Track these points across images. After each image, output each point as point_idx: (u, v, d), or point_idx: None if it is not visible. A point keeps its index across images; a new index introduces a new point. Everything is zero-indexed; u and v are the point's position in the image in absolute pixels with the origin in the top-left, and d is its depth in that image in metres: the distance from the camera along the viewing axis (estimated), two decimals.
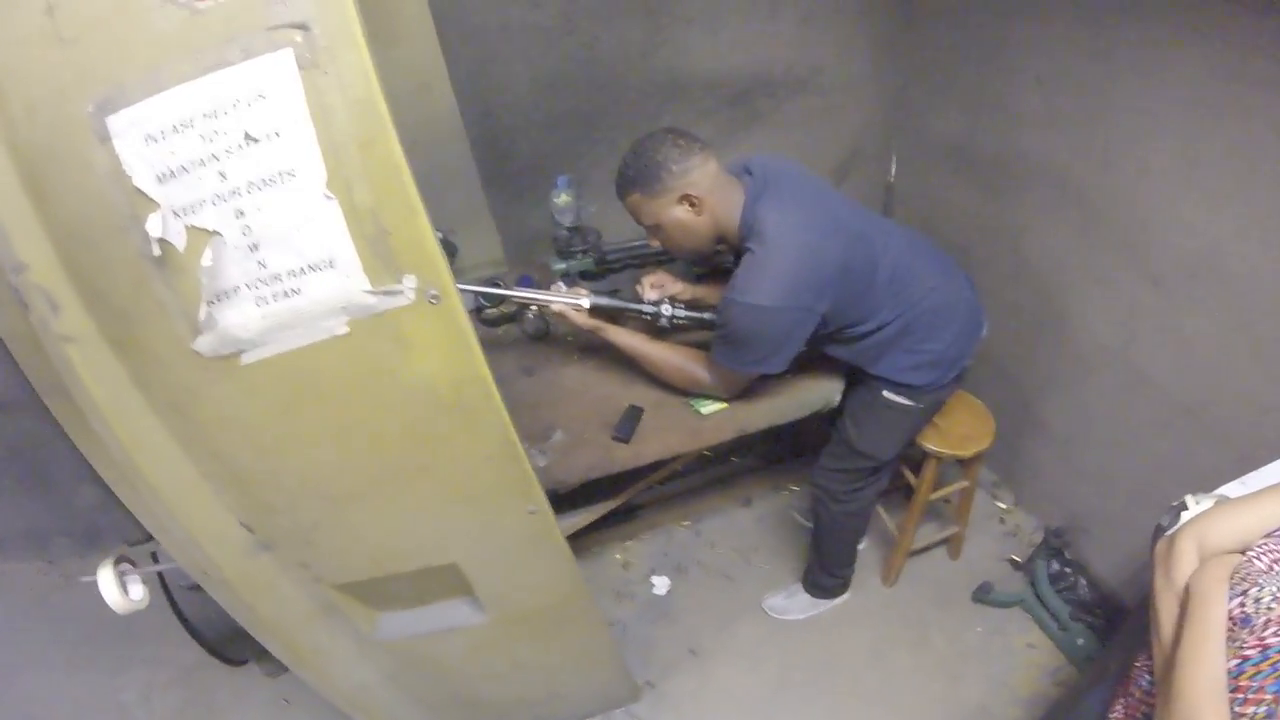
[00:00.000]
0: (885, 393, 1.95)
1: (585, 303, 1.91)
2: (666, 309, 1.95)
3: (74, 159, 0.91)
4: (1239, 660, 0.94)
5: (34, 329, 0.98)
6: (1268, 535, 1.05)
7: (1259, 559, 1.02)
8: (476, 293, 1.99)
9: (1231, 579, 1.02)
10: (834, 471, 2.15)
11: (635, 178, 1.69)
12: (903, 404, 1.96)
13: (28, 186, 0.92)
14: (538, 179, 2.45)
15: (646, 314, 1.95)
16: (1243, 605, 0.97)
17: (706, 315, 1.96)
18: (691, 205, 1.70)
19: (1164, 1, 1.71)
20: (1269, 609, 0.95)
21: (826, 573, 2.41)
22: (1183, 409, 1.97)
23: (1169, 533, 1.20)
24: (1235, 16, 1.57)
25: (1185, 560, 1.11)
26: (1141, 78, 1.83)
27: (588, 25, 2.32)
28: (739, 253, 1.76)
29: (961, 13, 2.37)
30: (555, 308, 1.93)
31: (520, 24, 2.26)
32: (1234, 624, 0.97)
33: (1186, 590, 1.07)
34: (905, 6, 2.59)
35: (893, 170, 2.93)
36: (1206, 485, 1.43)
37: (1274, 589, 0.96)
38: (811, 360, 1.87)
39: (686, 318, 1.96)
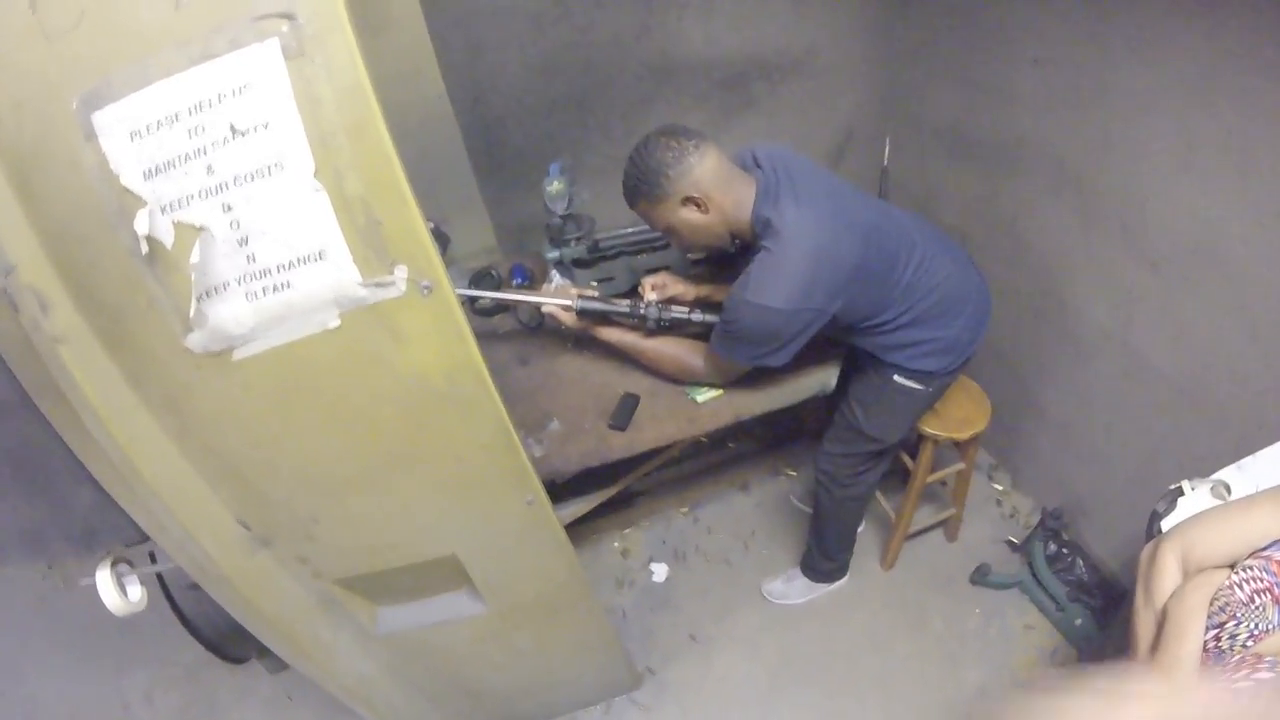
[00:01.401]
0: (896, 377, 1.94)
1: (573, 304, 1.90)
2: (653, 311, 1.92)
3: (61, 157, 0.90)
4: None
5: (25, 330, 0.97)
6: (1255, 554, 1.00)
7: (1241, 587, 0.97)
8: (464, 296, 1.98)
9: (1211, 606, 0.97)
10: (838, 456, 2.14)
11: (637, 187, 1.68)
12: (913, 388, 1.95)
13: (15, 186, 0.91)
14: (530, 166, 2.42)
15: (634, 316, 1.93)
16: (1218, 639, 0.94)
17: (694, 316, 1.93)
18: (697, 205, 1.67)
19: None
20: (1244, 647, 0.91)
21: (825, 557, 2.42)
22: (1181, 391, 1.97)
23: (1155, 537, 1.15)
24: None
25: (1167, 576, 1.06)
26: (1139, 60, 1.81)
27: (581, 9, 2.29)
28: (749, 247, 1.74)
29: None
30: (545, 309, 1.95)
31: (511, 8, 2.24)
32: (1207, 658, 0.94)
33: (1164, 612, 1.04)
34: None
35: (886, 154, 2.91)
36: (1204, 467, 1.42)
37: (1250, 626, 0.92)
38: (809, 345, 1.86)
39: (673, 320, 1.94)
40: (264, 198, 0.90)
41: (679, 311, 1.94)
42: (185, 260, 0.94)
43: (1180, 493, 1.37)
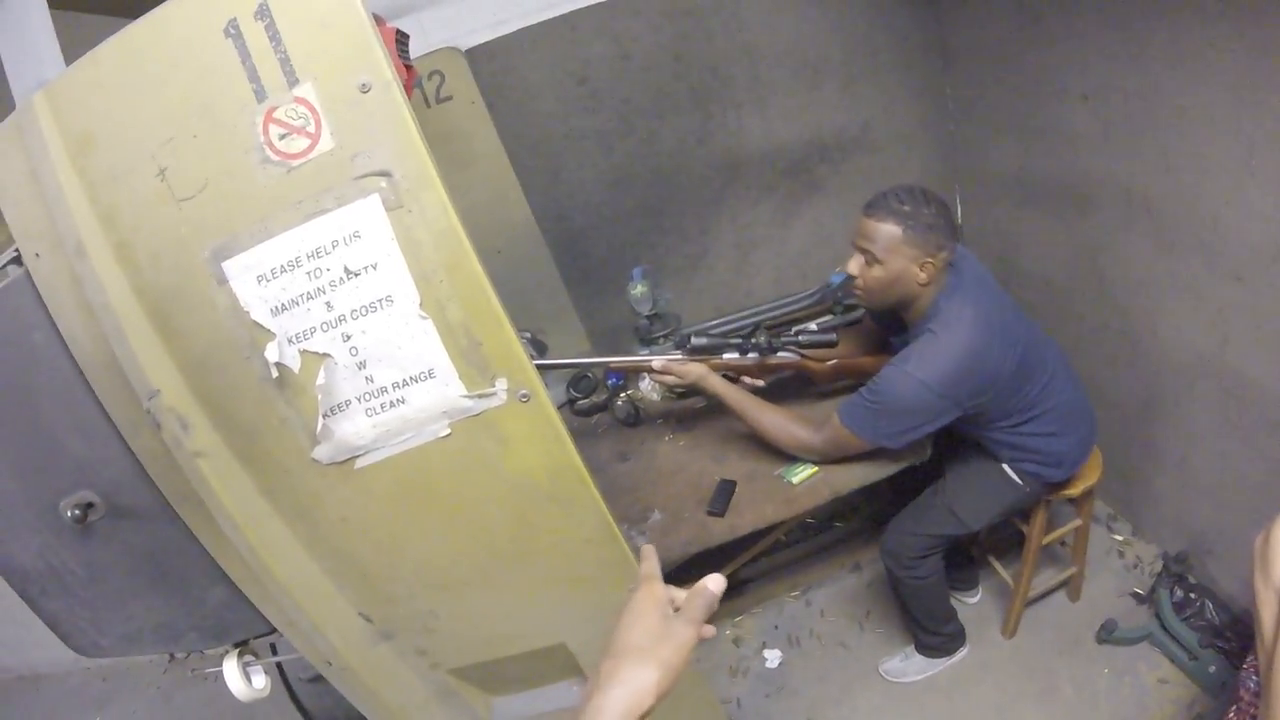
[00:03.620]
0: (1004, 465, 2.01)
1: (686, 346, 1.99)
2: (763, 338, 2.01)
3: (196, 299, 1.05)
4: None
5: (166, 446, 1.10)
6: None
7: None
8: (573, 366, 2.10)
9: None
10: (908, 535, 2.13)
11: (908, 215, 1.74)
12: (1015, 481, 2.01)
13: (156, 323, 1.06)
14: (615, 272, 2.58)
15: (745, 347, 2.01)
16: None
17: (803, 337, 2.02)
18: (924, 271, 1.77)
19: None
20: None
21: (927, 631, 2.36)
22: None
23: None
24: None
25: None
26: (1182, 75, 1.83)
27: (644, 123, 2.47)
28: (906, 326, 1.89)
29: (995, 46, 2.42)
30: (656, 365, 1.99)
31: (581, 131, 2.43)
32: None
33: None
34: (940, 51, 2.66)
35: (958, 212, 2.94)
36: None
37: None
38: None
39: (783, 344, 2.02)
40: (378, 327, 1.03)
41: (787, 336, 2.04)
42: (311, 383, 1.07)
43: None
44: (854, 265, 1.83)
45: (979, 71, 2.56)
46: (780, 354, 2.05)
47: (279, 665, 1.96)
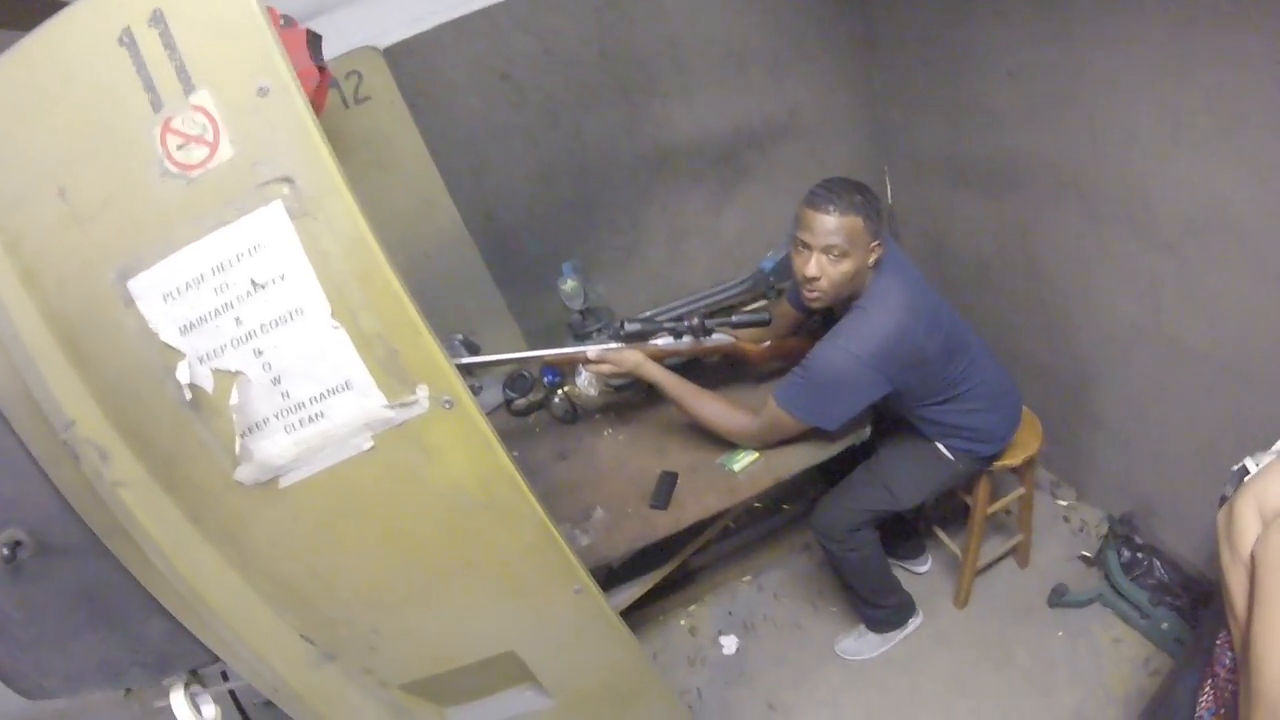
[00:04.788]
0: (937, 442, 2.04)
1: (621, 332, 1.97)
2: (696, 321, 1.99)
3: (106, 323, 1.01)
4: None
5: (87, 478, 1.06)
6: None
7: None
8: (503, 362, 2.06)
9: None
10: (842, 510, 2.14)
11: (862, 205, 1.73)
12: (947, 457, 2.05)
13: (67, 351, 1.02)
14: (547, 269, 2.53)
15: (681, 330, 2.00)
16: None
17: (735, 318, 2.02)
18: (873, 255, 1.79)
19: None
20: None
21: (871, 605, 2.37)
22: (1224, 368, 1.94)
23: (1227, 500, 1.16)
24: None
25: (1247, 527, 1.07)
26: (1106, 46, 1.85)
27: (570, 116, 2.44)
28: (828, 316, 1.91)
29: (920, 27, 2.43)
30: (591, 354, 1.95)
31: (506, 126, 2.39)
32: None
33: (1253, 559, 1.04)
34: (866, 33, 2.67)
35: (889, 193, 2.97)
36: (1265, 441, 1.40)
37: None
38: None
39: (720, 324, 2.02)
40: (289, 340, 1.00)
41: (720, 319, 2.04)
42: (226, 403, 1.03)
43: (1245, 471, 1.35)
44: (814, 266, 1.76)
45: (905, 53, 2.57)
46: (714, 336, 2.05)
47: (232, 692, 1.91)
